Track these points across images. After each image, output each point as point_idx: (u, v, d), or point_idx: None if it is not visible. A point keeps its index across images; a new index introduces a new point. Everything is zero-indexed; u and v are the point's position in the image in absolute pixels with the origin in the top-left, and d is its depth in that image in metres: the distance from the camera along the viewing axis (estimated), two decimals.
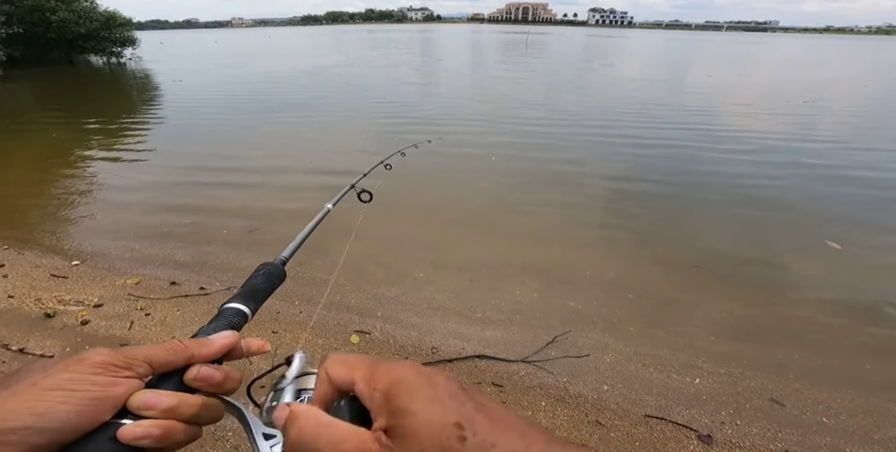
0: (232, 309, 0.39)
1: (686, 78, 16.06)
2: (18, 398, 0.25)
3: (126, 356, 0.29)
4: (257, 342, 0.37)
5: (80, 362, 0.28)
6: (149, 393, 0.28)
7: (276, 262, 0.49)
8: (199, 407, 0.30)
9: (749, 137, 6.82)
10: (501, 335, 2.46)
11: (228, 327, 0.37)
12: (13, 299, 2.49)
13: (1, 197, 4.33)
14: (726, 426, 1.83)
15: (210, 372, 0.31)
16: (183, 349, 0.32)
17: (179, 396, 0.29)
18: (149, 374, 0.30)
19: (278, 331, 2.43)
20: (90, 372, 0.27)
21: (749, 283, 2.98)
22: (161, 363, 0.31)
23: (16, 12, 15.30)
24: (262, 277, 0.46)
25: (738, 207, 4.26)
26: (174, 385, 0.31)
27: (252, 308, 0.40)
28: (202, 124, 7.68)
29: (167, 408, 0.28)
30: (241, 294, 0.42)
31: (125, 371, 0.29)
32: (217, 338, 0.34)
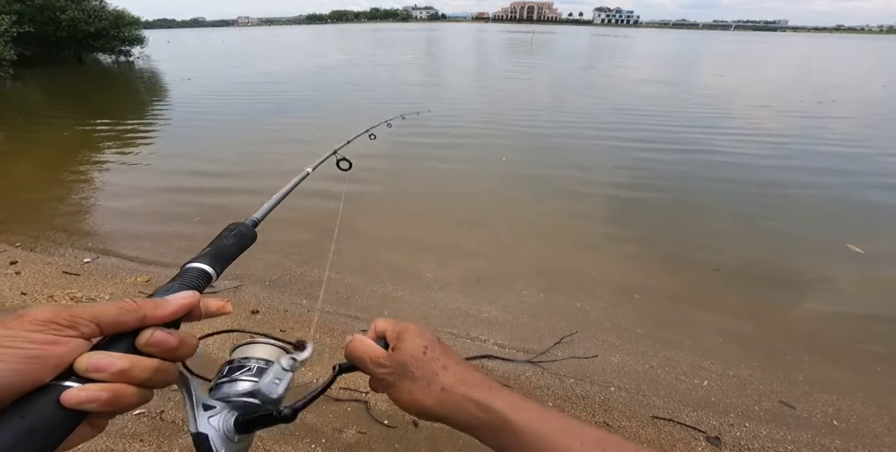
0: (196, 269, 0.37)
1: (698, 78, 15.79)
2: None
3: (71, 314, 0.27)
4: (217, 302, 0.35)
5: (20, 318, 0.26)
6: (97, 355, 0.27)
7: (247, 222, 0.46)
8: (153, 371, 0.28)
9: (765, 139, 6.72)
10: (508, 335, 2.47)
11: (189, 288, 0.35)
12: (26, 296, 2.52)
13: (12, 194, 4.39)
14: (735, 428, 1.82)
15: (164, 337, 0.29)
16: (135, 308, 0.29)
17: (132, 358, 0.28)
18: (96, 335, 0.28)
19: (286, 329, 2.45)
20: (28, 328, 0.25)
21: (761, 286, 2.96)
22: (110, 322, 0.28)
23: (26, 11, 15.48)
24: (232, 238, 0.43)
25: (755, 209, 4.19)
26: (124, 348, 0.28)
27: (218, 269, 0.38)
28: (211, 123, 7.71)
29: (118, 371, 0.27)
30: (207, 253, 0.39)
31: (69, 329, 0.27)
32: (174, 299, 0.32)
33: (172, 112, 8.95)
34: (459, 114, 8.30)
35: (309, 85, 12.78)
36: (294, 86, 12.22)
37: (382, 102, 9.60)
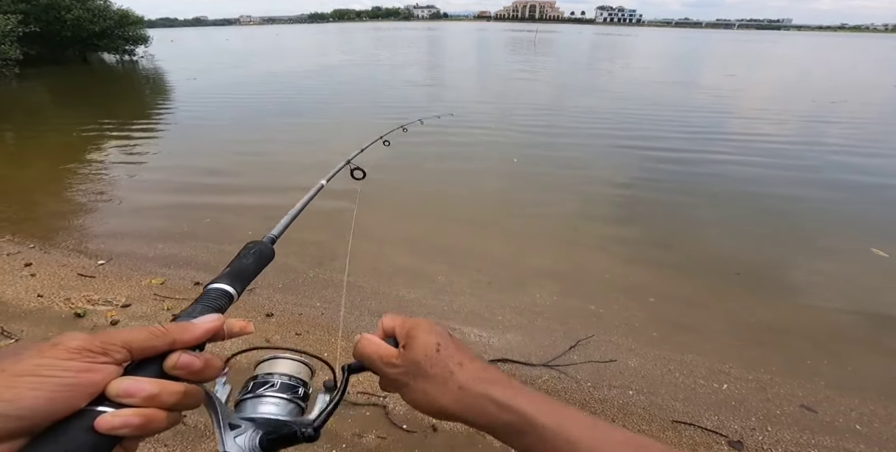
0: (218, 290, 0.37)
1: (709, 79, 15.52)
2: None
3: (103, 341, 0.28)
4: (239, 323, 0.36)
5: (55, 347, 0.27)
6: (128, 380, 0.28)
7: (265, 241, 0.47)
8: (181, 395, 0.29)
9: (782, 140, 6.66)
10: (523, 338, 2.46)
11: (213, 310, 0.35)
12: (43, 298, 2.53)
13: (25, 194, 4.41)
14: (757, 432, 1.82)
15: (190, 360, 0.30)
16: (164, 333, 0.30)
17: (161, 383, 0.28)
18: (127, 360, 0.29)
19: (301, 333, 2.45)
20: (63, 357, 0.26)
21: (779, 289, 2.94)
22: (140, 348, 0.29)
23: (32, 11, 15.52)
24: (251, 257, 0.44)
25: (775, 212, 4.15)
26: (153, 372, 0.29)
27: (238, 289, 0.39)
28: (219, 124, 7.72)
29: (148, 396, 0.27)
30: (227, 274, 0.40)
31: (102, 356, 0.27)
32: (201, 323, 0.33)
33: (180, 112, 8.95)
34: (469, 115, 8.28)
35: (314, 85, 12.77)
36: (300, 87, 12.20)
37: (389, 104, 9.59)
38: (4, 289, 2.60)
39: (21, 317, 2.36)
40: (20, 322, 2.32)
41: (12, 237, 3.37)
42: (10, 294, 2.57)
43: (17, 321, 2.32)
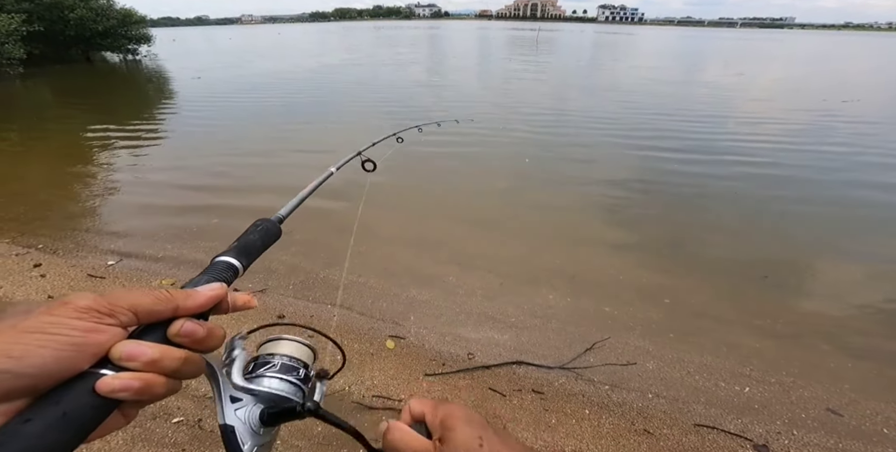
0: (224, 262, 0.38)
1: (718, 78, 15.13)
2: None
3: (111, 302, 0.28)
4: (243, 296, 0.36)
5: (64, 305, 0.27)
6: (131, 344, 0.27)
7: (272, 219, 0.48)
8: (182, 361, 0.29)
9: (796, 140, 6.58)
10: (537, 340, 2.44)
11: (218, 280, 0.36)
12: (53, 300, 2.51)
13: (31, 195, 4.39)
14: (782, 436, 1.79)
15: (193, 328, 0.30)
16: (169, 299, 0.30)
17: (162, 348, 0.28)
18: (133, 323, 0.29)
19: (313, 335, 2.41)
20: (72, 316, 0.26)
21: (800, 289, 2.91)
22: (146, 312, 0.29)
23: (35, 10, 15.53)
24: (258, 233, 0.45)
25: (793, 215, 4.09)
26: (157, 338, 0.29)
27: (244, 263, 0.39)
28: (225, 123, 7.69)
29: (149, 361, 0.27)
30: (234, 248, 0.41)
31: (108, 318, 0.27)
32: (204, 290, 0.33)
33: (184, 111, 8.94)
34: (477, 115, 8.22)
35: (318, 85, 12.73)
36: (304, 86, 12.08)
37: (397, 105, 9.47)
38: (15, 291, 2.59)
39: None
40: None
41: (21, 237, 3.35)
42: (21, 295, 2.55)
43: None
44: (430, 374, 2.11)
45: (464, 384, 2.07)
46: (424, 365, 2.18)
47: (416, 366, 2.17)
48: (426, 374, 2.11)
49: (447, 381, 2.09)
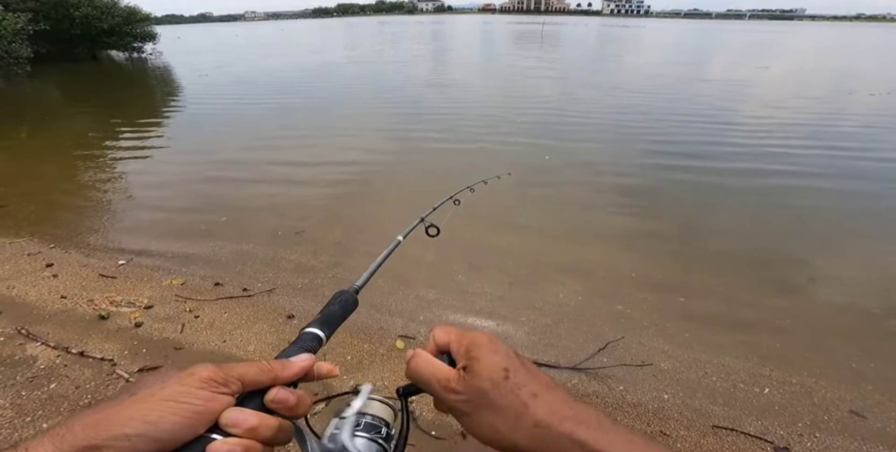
0: (310, 333, 0.41)
1: (742, 72, 14.21)
2: (137, 405, 0.28)
3: (226, 373, 0.32)
4: (327, 366, 0.39)
5: (191, 376, 0.31)
6: (236, 411, 0.30)
7: (350, 290, 0.52)
8: (276, 429, 0.32)
9: (818, 135, 6.38)
10: (549, 340, 2.41)
11: (306, 351, 0.39)
12: (66, 300, 2.52)
13: (42, 194, 4.41)
14: (804, 438, 1.75)
15: (286, 396, 0.33)
16: (269, 370, 0.34)
17: (260, 416, 0.31)
18: (240, 392, 0.32)
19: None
20: (197, 386, 0.30)
21: (820, 288, 2.84)
22: (251, 382, 0.33)
23: (41, 9, 15.58)
24: (338, 304, 0.48)
25: (815, 211, 3.98)
26: (256, 405, 0.33)
27: (327, 333, 0.43)
28: (234, 123, 7.63)
29: (250, 427, 0.30)
30: (318, 319, 0.45)
31: (223, 387, 0.31)
32: (297, 361, 0.36)
33: (192, 110, 8.89)
34: (493, 112, 8.12)
35: (330, 83, 12.66)
36: (314, 87, 11.71)
37: (413, 104, 9.07)
38: (28, 291, 2.60)
39: (46, 320, 2.35)
40: (45, 324, 2.31)
41: (32, 237, 3.37)
42: (34, 295, 2.56)
43: (43, 323, 2.32)
44: None
45: None
46: None
47: None
48: None
49: None
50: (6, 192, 4.35)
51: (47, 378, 1.95)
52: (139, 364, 2.06)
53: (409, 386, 0.39)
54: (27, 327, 2.26)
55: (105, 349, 2.14)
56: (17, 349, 2.12)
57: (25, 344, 2.15)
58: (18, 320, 2.33)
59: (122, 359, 2.08)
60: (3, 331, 2.24)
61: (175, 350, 2.16)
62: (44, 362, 2.05)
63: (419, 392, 0.39)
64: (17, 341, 2.18)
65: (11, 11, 12.49)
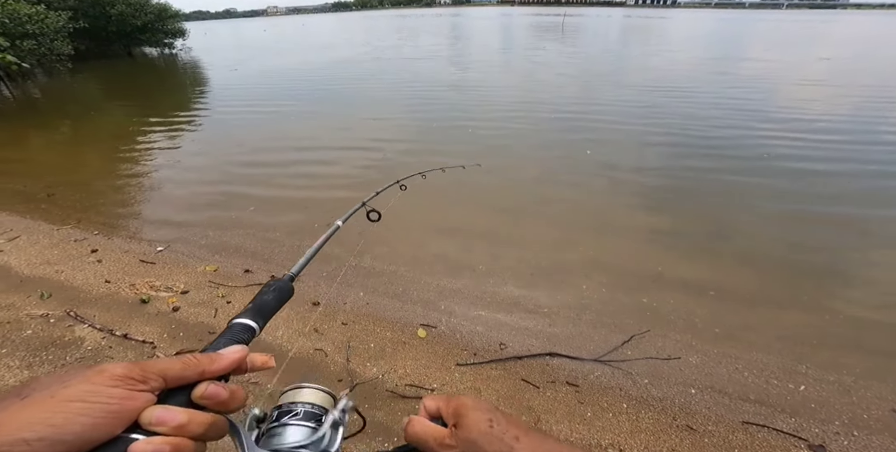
0: (241, 324, 0.40)
1: (806, 63, 12.95)
2: (35, 407, 0.26)
3: (144, 369, 0.30)
4: (261, 357, 0.38)
5: (101, 374, 0.28)
6: (160, 409, 0.29)
7: (284, 278, 0.50)
8: (208, 426, 0.30)
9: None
10: (571, 332, 2.39)
11: (237, 342, 0.38)
12: (110, 284, 2.67)
13: (86, 184, 4.66)
14: (841, 436, 1.69)
15: (217, 390, 0.32)
16: (195, 364, 0.32)
17: (190, 413, 0.29)
18: (162, 388, 0.30)
19: (347, 323, 2.45)
20: (109, 384, 0.28)
21: (859, 283, 2.72)
22: (175, 377, 0.31)
23: (80, 7, 16.27)
24: (271, 294, 0.47)
25: (859, 204, 3.78)
26: (183, 401, 0.31)
27: (260, 324, 0.41)
28: (264, 115, 7.80)
29: (178, 425, 0.28)
30: (250, 309, 0.43)
31: (141, 384, 0.29)
32: (227, 354, 0.35)
33: (226, 103, 9.06)
34: (525, 106, 7.97)
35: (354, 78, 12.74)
36: (340, 81, 11.74)
37: (437, 103, 9.08)
38: (75, 275, 2.77)
39: (92, 303, 2.50)
40: (91, 307, 2.46)
41: (77, 224, 3.58)
42: (81, 279, 2.72)
43: (89, 306, 2.46)
44: (462, 364, 2.11)
45: (496, 374, 2.07)
46: (456, 355, 2.19)
47: (447, 356, 2.18)
48: (458, 364, 2.11)
49: (479, 371, 2.08)
50: (54, 181, 4.62)
51: (94, 359, 2.07)
52: (177, 347, 2.17)
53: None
54: (75, 310, 2.41)
55: (146, 332, 2.26)
56: (67, 330, 2.27)
57: (74, 326, 2.30)
58: (67, 303, 2.49)
59: (162, 342, 2.20)
60: (53, 313, 2.39)
61: (209, 334, 2.26)
62: (90, 343, 2.18)
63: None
64: (67, 323, 2.32)
65: (53, 10, 13.06)
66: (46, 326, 2.29)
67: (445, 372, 2.07)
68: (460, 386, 1.98)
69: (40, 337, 2.21)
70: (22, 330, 2.25)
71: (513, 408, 1.87)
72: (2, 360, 2.05)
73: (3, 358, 2.06)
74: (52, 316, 2.37)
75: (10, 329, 2.26)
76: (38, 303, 2.48)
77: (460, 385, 1.99)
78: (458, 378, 2.04)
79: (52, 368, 2.01)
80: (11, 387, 0.42)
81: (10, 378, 1.94)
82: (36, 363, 2.04)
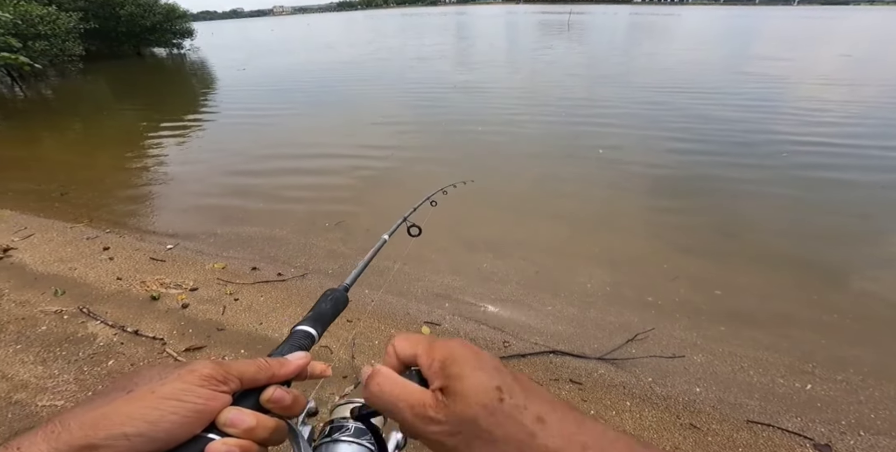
0: (302, 331, 0.42)
1: (823, 61, 12.54)
2: (137, 403, 0.27)
3: (226, 371, 0.31)
4: (320, 366, 0.38)
5: (192, 373, 0.30)
6: (234, 411, 0.30)
7: (340, 288, 0.52)
8: (272, 430, 0.31)
9: None
10: (575, 330, 2.40)
11: (300, 348, 0.39)
12: (122, 281, 2.72)
13: (97, 182, 4.74)
14: (848, 436, 1.68)
15: (283, 395, 0.33)
16: (266, 368, 0.34)
17: (258, 417, 0.31)
18: (238, 389, 0.32)
19: (353, 320, 2.48)
20: (198, 383, 0.29)
21: (867, 280, 2.68)
22: (249, 380, 0.32)
23: (89, 8, 16.51)
24: (329, 303, 0.48)
25: (874, 202, 3.73)
26: (252, 403, 0.32)
27: (319, 331, 0.43)
28: (268, 114, 7.85)
29: (247, 428, 0.29)
30: (310, 317, 0.44)
31: (223, 385, 0.30)
32: (293, 359, 0.36)
33: (233, 104, 9.10)
34: (539, 107, 7.93)
35: (361, 78, 12.79)
36: (346, 81, 11.69)
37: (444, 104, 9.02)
38: (88, 272, 2.83)
39: (104, 300, 2.55)
40: (104, 304, 2.51)
41: (90, 222, 3.64)
42: (93, 276, 2.78)
43: (102, 303, 2.52)
44: None
45: None
46: None
47: None
48: None
49: None
50: (67, 180, 4.70)
51: (106, 354, 2.11)
52: (186, 343, 2.21)
53: (366, 410, 0.34)
54: (88, 306, 2.46)
55: (156, 328, 2.30)
56: (80, 326, 2.32)
57: (87, 322, 2.35)
58: (80, 299, 2.54)
59: (171, 338, 2.24)
60: (67, 310, 2.45)
61: (217, 330, 2.30)
62: (103, 339, 2.22)
63: (377, 416, 0.35)
64: (80, 319, 2.38)
65: (64, 11, 13.26)
66: (60, 322, 2.35)
67: None
68: None
69: (54, 333, 2.26)
70: (37, 326, 2.31)
71: None
72: (17, 355, 2.10)
73: (19, 353, 2.12)
74: (65, 312, 2.43)
75: (26, 325, 2.32)
76: (52, 300, 2.54)
77: None
78: None
79: (66, 364, 2.06)
80: (119, 376, 0.47)
81: (25, 373, 2.00)
82: (50, 358, 2.09)
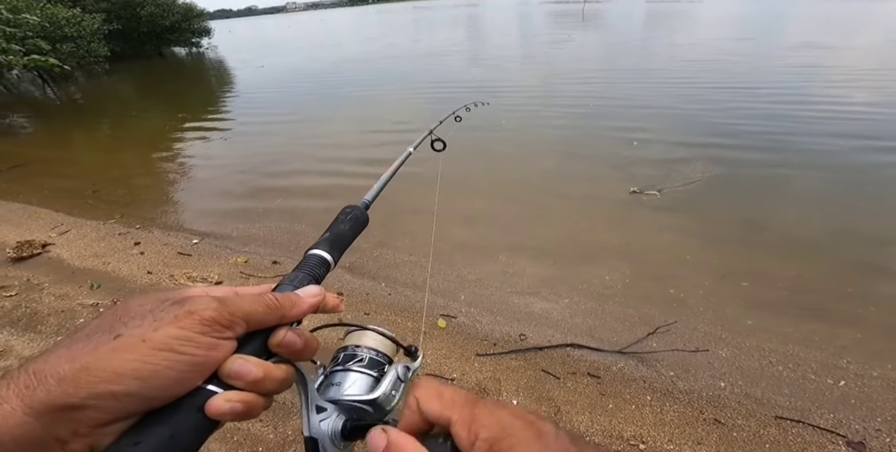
0: (317, 256, 0.37)
1: (874, 46, 10.63)
2: (126, 354, 0.24)
3: (231, 313, 0.28)
4: (334, 300, 0.35)
5: (190, 316, 0.26)
6: (239, 361, 0.27)
7: (359, 206, 0.46)
8: (280, 382, 0.29)
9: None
10: (593, 323, 2.36)
11: (313, 278, 0.35)
12: (152, 275, 2.85)
13: (126, 179, 4.93)
14: (884, 433, 1.61)
15: (294, 339, 0.30)
16: (277, 307, 0.30)
17: (265, 367, 0.28)
18: (243, 333, 0.29)
19: (370, 313, 2.50)
20: (198, 330, 0.26)
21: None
22: (257, 322, 0.29)
23: (112, 9, 17.01)
24: (348, 223, 0.43)
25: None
26: (259, 346, 0.29)
27: (335, 256, 0.38)
28: (287, 109, 7.95)
29: (254, 380, 0.27)
30: (326, 239, 0.39)
31: (227, 331, 0.27)
32: (307, 298, 0.33)
33: (253, 102, 9.20)
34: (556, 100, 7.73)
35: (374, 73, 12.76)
36: (362, 76, 11.66)
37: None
38: (121, 266, 2.96)
39: (136, 293, 2.67)
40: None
41: (121, 218, 3.81)
42: (126, 270, 2.92)
43: (133, 296, 2.63)
44: (483, 354, 2.11)
45: (516, 365, 2.06)
46: (476, 345, 2.19)
47: (467, 346, 2.19)
48: (478, 354, 2.12)
49: (499, 362, 2.09)
50: (98, 178, 4.91)
51: None
52: None
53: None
54: (122, 299, 2.59)
55: None
56: None
57: None
58: (114, 292, 2.67)
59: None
60: (102, 303, 2.57)
61: None
62: None
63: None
64: None
65: (87, 12, 13.69)
66: (97, 315, 2.47)
67: (465, 362, 2.09)
68: (480, 377, 2.00)
69: None
70: (75, 318, 2.44)
71: (533, 399, 1.87)
72: None
73: None
74: (101, 305, 2.56)
75: (65, 317, 2.45)
76: (88, 293, 2.68)
77: (480, 376, 2.01)
78: (477, 368, 2.05)
79: None
80: (105, 311, 0.40)
81: None
82: None
